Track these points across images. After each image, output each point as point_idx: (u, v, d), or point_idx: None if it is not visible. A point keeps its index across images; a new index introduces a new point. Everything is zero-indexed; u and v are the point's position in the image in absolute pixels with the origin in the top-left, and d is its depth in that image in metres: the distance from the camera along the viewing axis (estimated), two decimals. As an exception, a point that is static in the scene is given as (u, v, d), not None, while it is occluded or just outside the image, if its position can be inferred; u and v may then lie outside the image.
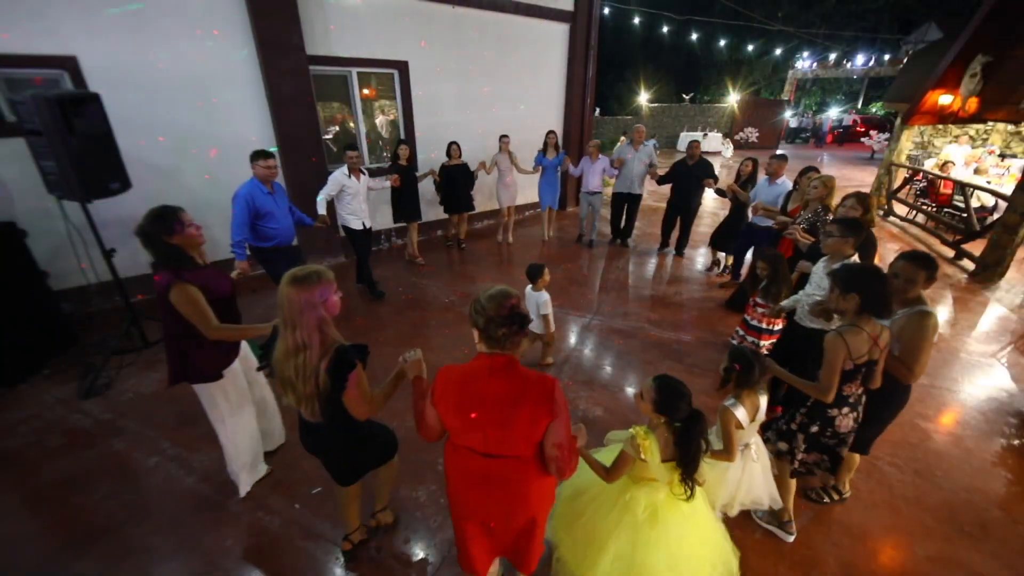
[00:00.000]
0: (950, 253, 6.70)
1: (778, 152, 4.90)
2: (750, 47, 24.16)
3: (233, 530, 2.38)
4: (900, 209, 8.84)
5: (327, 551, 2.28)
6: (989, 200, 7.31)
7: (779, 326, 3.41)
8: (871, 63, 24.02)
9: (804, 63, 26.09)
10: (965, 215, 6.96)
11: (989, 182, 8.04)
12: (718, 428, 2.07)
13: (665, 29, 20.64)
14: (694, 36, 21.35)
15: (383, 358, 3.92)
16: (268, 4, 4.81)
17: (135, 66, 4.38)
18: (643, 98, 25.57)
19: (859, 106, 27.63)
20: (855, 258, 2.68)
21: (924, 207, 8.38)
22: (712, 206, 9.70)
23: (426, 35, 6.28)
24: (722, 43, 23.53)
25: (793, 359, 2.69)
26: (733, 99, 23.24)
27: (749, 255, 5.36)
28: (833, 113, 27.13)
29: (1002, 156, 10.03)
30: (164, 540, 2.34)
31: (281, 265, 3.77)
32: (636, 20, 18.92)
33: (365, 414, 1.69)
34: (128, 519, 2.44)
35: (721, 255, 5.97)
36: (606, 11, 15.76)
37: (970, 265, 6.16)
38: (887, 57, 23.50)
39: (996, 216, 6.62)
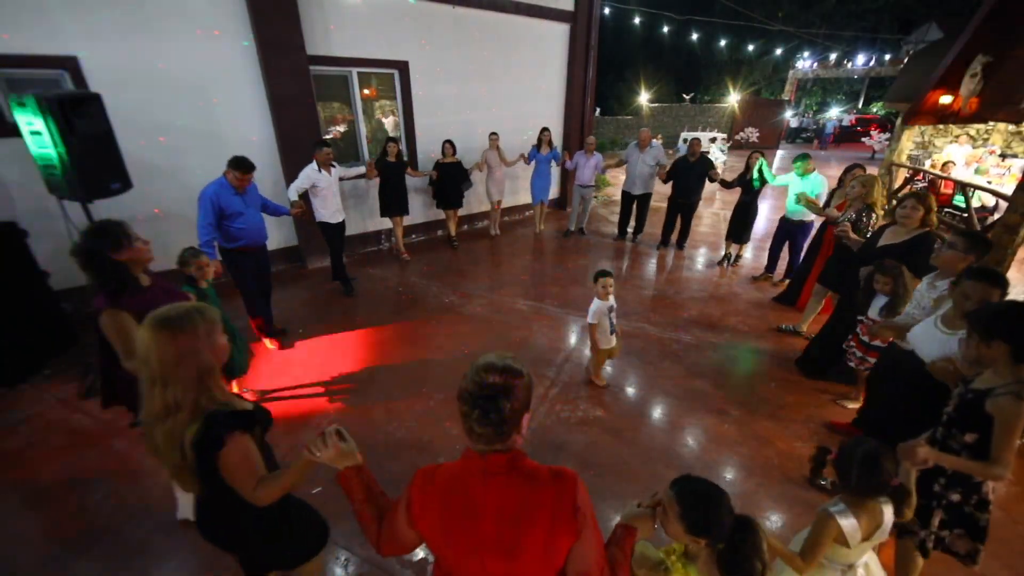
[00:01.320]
0: (950, 253, 6.69)
1: (803, 152, 5.12)
2: (750, 47, 24.14)
3: (233, 530, 2.38)
4: (900, 209, 8.82)
5: (328, 550, 2.27)
6: (990, 200, 7.30)
7: None
8: (872, 63, 23.99)
9: (804, 63, 26.05)
10: (966, 215, 6.95)
11: (990, 182, 8.04)
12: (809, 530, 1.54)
13: (665, 29, 20.63)
14: (694, 36, 21.33)
15: (391, 358, 3.95)
16: (269, 4, 4.82)
17: (136, 66, 4.39)
18: (643, 98, 25.59)
19: (860, 106, 27.61)
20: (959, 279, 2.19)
21: (925, 207, 8.36)
22: (716, 206, 9.70)
23: (426, 35, 6.28)
24: (722, 43, 23.51)
25: (889, 384, 2.50)
26: (733, 99, 23.24)
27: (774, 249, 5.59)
28: (834, 113, 27.14)
29: (1003, 156, 10.02)
30: (164, 540, 2.34)
31: (247, 268, 3.75)
32: (636, 20, 18.90)
33: (253, 500, 1.29)
34: (129, 519, 2.44)
35: (733, 248, 6.18)
36: (606, 11, 15.75)
37: (971, 265, 6.14)
38: (888, 57, 23.48)
39: (997, 216, 6.61)
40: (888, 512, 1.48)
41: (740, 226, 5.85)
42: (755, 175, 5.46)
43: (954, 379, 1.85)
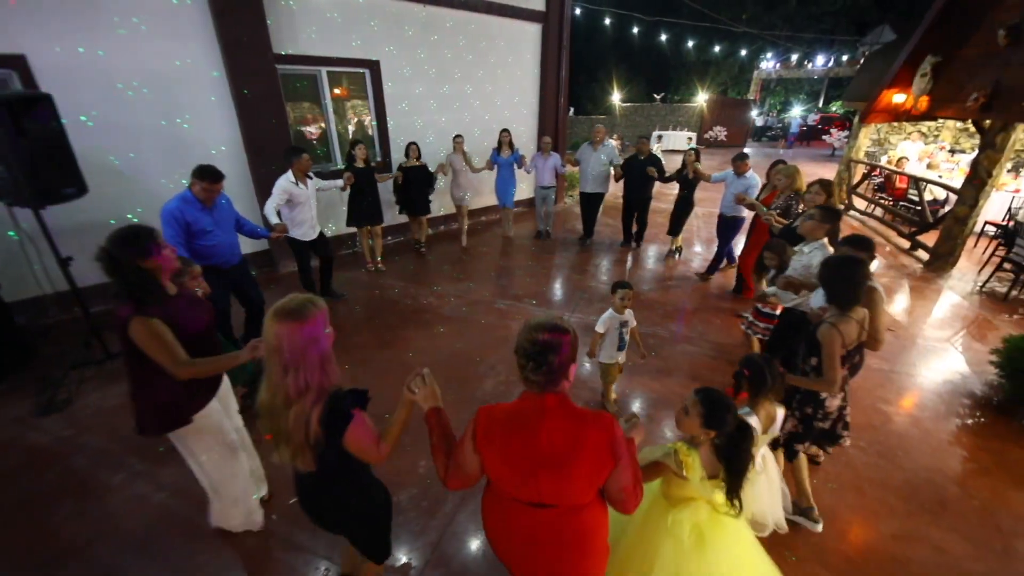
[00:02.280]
0: (906, 244, 7.04)
1: (742, 152, 5.33)
2: (717, 48, 24.80)
3: (207, 545, 2.31)
4: (860, 203, 9.24)
5: (306, 562, 2.23)
6: (941, 193, 7.71)
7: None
8: (830, 64, 24.98)
9: (768, 64, 26.94)
10: (919, 208, 7.33)
11: (940, 176, 8.49)
12: None
13: (635, 30, 20.97)
14: (663, 37, 21.77)
15: (371, 361, 3.89)
16: (231, 1, 4.67)
17: (90, 65, 4.18)
18: (615, 98, 25.95)
19: (820, 105, 28.73)
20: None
21: (882, 201, 8.78)
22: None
23: (397, 35, 6.21)
24: (690, 44, 24.08)
25: (786, 342, 2.86)
26: (702, 99, 23.81)
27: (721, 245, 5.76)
28: (797, 112, 28.17)
29: (952, 152, 10.61)
30: (134, 559, 2.24)
31: (220, 289, 3.35)
32: (607, 21, 19.15)
33: (379, 458, 1.47)
34: (95, 539, 2.33)
35: (676, 244, 6.53)
36: (577, 12, 15.89)
37: (924, 255, 6.48)
38: (845, 58, 24.48)
39: (947, 208, 6.99)
40: (780, 412, 2.01)
41: (677, 220, 6.17)
42: (689, 173, 5.74)
43: (792, 289, 2.56)
